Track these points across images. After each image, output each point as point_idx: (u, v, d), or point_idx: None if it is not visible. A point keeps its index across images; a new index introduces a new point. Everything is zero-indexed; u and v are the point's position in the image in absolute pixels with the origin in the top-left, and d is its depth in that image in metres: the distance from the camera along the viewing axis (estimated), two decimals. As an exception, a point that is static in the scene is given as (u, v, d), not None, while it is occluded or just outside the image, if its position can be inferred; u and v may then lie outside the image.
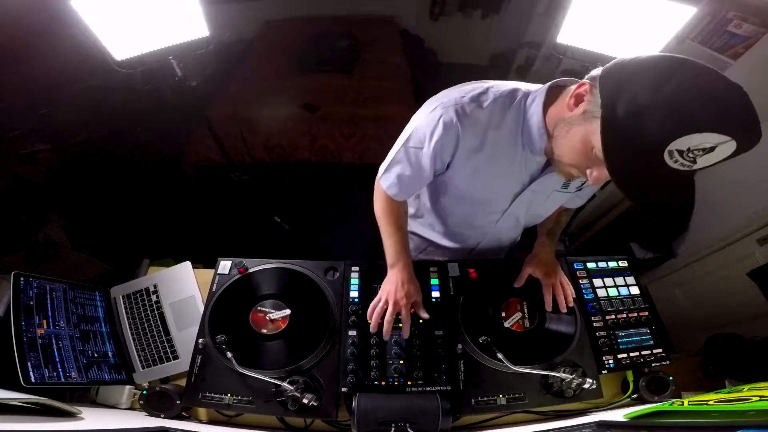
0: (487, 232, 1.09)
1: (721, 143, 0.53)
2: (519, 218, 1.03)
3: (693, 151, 0.54)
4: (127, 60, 1.54)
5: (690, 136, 0.53)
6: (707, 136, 0.52)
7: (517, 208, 0.97)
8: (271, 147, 2.69)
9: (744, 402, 0.63)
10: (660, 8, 1.33)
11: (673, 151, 0.55)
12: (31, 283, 0.94)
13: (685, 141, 0.53)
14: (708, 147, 0.53)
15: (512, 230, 1.11)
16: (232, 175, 2.65)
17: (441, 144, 0.80)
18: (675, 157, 0.55)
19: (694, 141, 0.53)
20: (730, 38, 1.56)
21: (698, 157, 0.54)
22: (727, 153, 0.54)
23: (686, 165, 0.56)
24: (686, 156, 0.55)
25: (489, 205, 0.97)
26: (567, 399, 0.89)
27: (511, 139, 0.80)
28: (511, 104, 0.78)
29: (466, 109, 0.77)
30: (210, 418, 0.97)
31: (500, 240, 1.15)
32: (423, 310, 0.96)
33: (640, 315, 1.02)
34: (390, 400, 0.84)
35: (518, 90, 0.79)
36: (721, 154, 0.54)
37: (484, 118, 0.78)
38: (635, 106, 0.56)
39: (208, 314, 0.99)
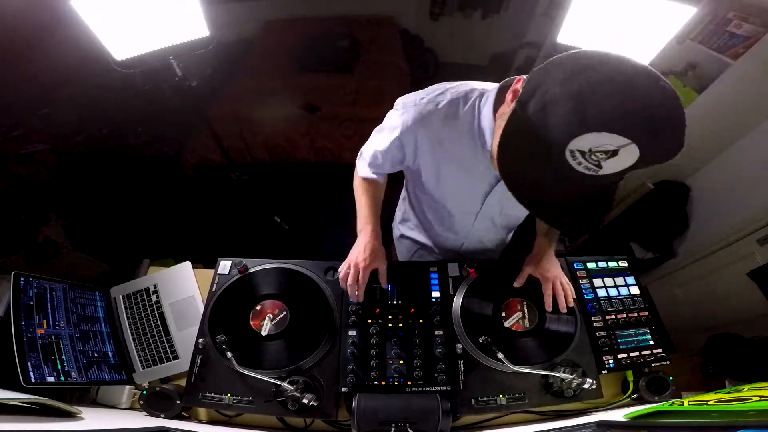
0: (466, 234, 1.11)
1: (622, 147, 0.49)
2: (494, 219, 1.04)
3: (595, 153, 0.50)
4: (127, 60, 1.54)
5: (586, 136, 0.49)
6: (604, 136, 0.48)
7: (490, 209, 0.98)
8: (271, 147, 2.69)
9: (744, 402, 0.63)
10: (660, 8, 1.33)
11: (575, 151, 0.51)
12: (31, 283, 0.95)
13: (583, 140, 0.50)
14: (610, 150, 0.49)
15: (491, 231, 1.12)
16: (232, 175, 2.65)
17: (400, 141, 0.87)
18: (578, 158, 0.52)
19: (592, 141, 0.49)
20: (730, 38, 1.56)
21: (602, 160, 0.50)
22: (632, 158, 0.50)
23: (591, 169, 0.52)
24: (589, 158, 0.51)
25: (461, 206, 1.00)
26: (567, 399, 0.89)
27: (469, 138, 0.81)
28: (466, 104, 0.80)
29: (422, 109, 0.81)
30: (210, 418, 0.97)
31: (483, 242, 1.17)
32: (384, 279, 0.98)
33: (640, 315, 1.02)
34: (390, 400, 0.84)
35: (474, 90, 0.81)
36: (626, 159, 0.50)
37: (440, 118, 0.81)
38: (542, 102, 0.54)
39: (208, 314, 0.99)
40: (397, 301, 1.01)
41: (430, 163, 0.89)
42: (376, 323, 0.97)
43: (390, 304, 1.01)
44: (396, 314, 0.99)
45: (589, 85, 0.50)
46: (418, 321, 0.97)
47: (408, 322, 0.98)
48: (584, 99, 0.50)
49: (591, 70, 0.51)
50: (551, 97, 0.52)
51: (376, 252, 0.95)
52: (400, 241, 1.35)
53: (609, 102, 0.49)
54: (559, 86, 0.52)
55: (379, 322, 0.97)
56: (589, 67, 0.51)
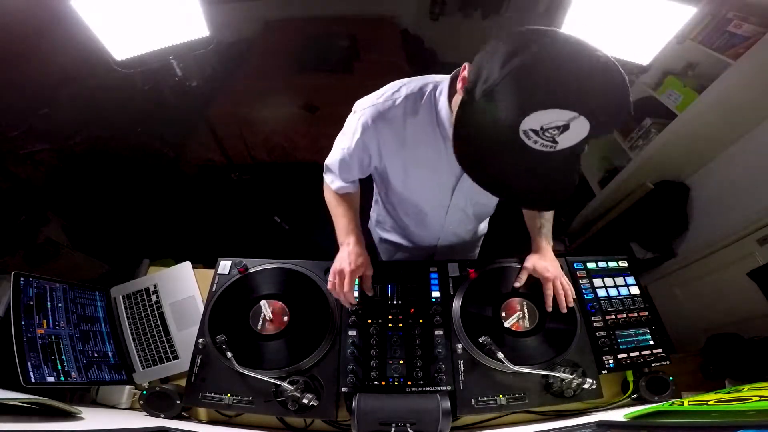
0: (440, 228, 1.11)
1: (572, 120, 0.49)
2: (465, 210, 1.05)
3: (547, 130, 0.51)
4: (127, 60, 1.54)
5: (533, 115, 0.49)
6: (550, 113, 0.49)
7: (460, 200, 0.99)
8: (271, 147, 2.69)
9: (744, 402, 0.63)
10: (660, 8, 1.33)
11: (528, 131, 0.51)
12: (31, 283, 0.94)
13: (533, 119, 0.50)
14: (561, 125, 0.50)
15: (464, 223, 1.12)
16: (232, 175, 2.65)
17: (362, 143, 0.86)
18: (532, 137, 0.52)
19: (541, 119, 0.50)
20: (730, 38, 1.56)
21: (556, 136, 0.51)
22: (584, 129, 0.51)
23: (548, 145, 0.52)
24: (543, 135, 0.51)
25: (431, 201, 1.00)
26: (567, 399, 0.89)
27: (429, 132, 0.82)
28: (422, 98, 0.80)
29: (380, 108, 0.81)
30: (210, 418, 0.97)
31: (458, 234, 1.17)
32: (369, 288, 0.97)
33: (640, 315, 1.02)
34: (390, 400, 0.84)
35: (428, 83, 0.81)
36: (579, 131, 0.51)
37: (399, 115, 0.81)
38: (487, 86, 0.54)
39: (208, 314, 0.99)
40: (397, 301, 1.01)
41: (396, 162, 0.90)
42: (376, 323, 0.97)
43: (390, 304, 1.01)
44: (396, 314, 0.99)
45: (526, 65, 0.51)
46: (418, 321, 0.97)
47: (408, 322, 0.98)
48: (523, 79, 0.51)
49: (525, 50, 0.51)
50: (494, 81, 0.53)
51: (360, 259, 0.91)
52: (381, 244, 1.36)
53: (547, 78, 0.50)
54: (498, 69, 0.53)
55: (379, 322, 0.97)
56: (524, 47, 0.52)
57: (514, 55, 0.51)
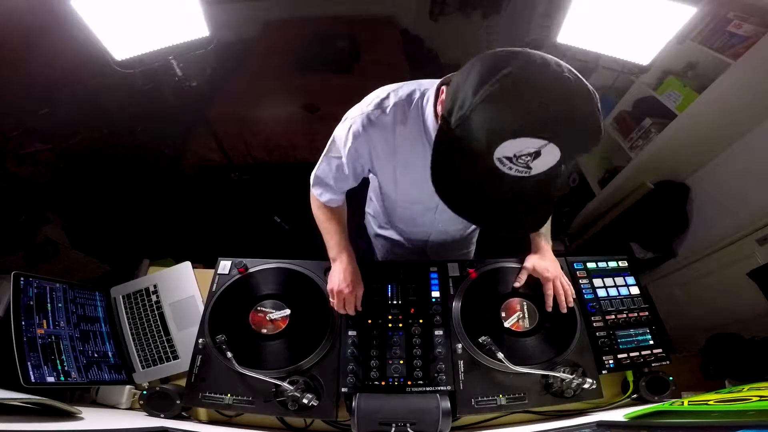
0: (430, 227, 1.13)
1: (542, 147, 0.50)
2: None
3: (520, 157, 0.51)
4: (127, 60, 1.53)
5: (505, 144, 0.50)
6: (520, 141, 0.49)
7: None
8: (271, 147, 2.69)
9: (744, 402, 0.63)
10: (660, 8, 1.33)
11: (502, 158, 0.52)
12: (31, 283, 0.95)
13: (504, 148, 0.50)
14: (532, 152, 0.50)
15: (453, 222, 1.14)
16: (232, 175, 2.65)
17: (355, 152, 0.85)
18: (506, 164, 0.52)
19: (513, 147, 0.50)
20: (730, 38, 1.56)
21: (529, 162, 0.51)
22: (555, 155, 0.51)
23: (522, 171, 0.52)
24: (517, 162, 0.51)
25: (421, 203, 1.02)
26: (567, 399, 0.89)
27: (418, 138, 0.82)
28: (411, 106, 0.81)
29: (371, 116, 0.81)
30: (210, 418, 0.97)
31: (448, 232, 1.19)
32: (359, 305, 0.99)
33: (640, 315, 1.02)
34: (390, 400, 0.84)
35: (415, 91, 0.82)
36: (550, 157, 0.51)
37: (389, 122, 0.81)
38: (461, 115, 0.54)
39: (208, 314, 0.99)
40: (397, 301, 1.01)
41: (386, 168, 0.90)
42: (376, 323, 0.97)
43: (390, 304, 1.01)
44: (396, 314, 0.99)
45: (493, 93, 0.51)
46: (418, 321, 0.98)
47: (408, 322, 0.98)
48: (491, 108, 0.51)
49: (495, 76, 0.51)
50: (467, 111, 0.53)
51: (354, 278, 0.98)
52: (376, 239, 1.39)
53: (514, 107, 0.50)
54: (471, 96, 0.53)
55: (379, 322, 0.98)
56: (493, 73, 0.51)
57: (485, 80, 0.51)
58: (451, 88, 0.60)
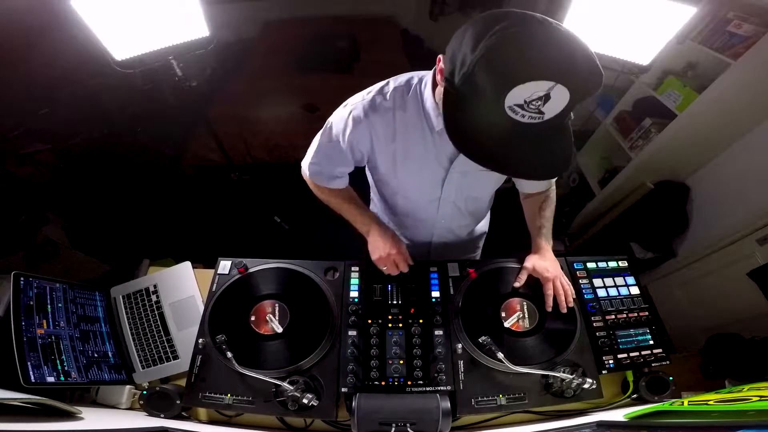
0: (433, 222, 1.12)
1: (551, 89, 0.51)
2: (457, 203, 1.05)
3: (531, 103, 0.53)
4: (127, 60, 1.54)
5: (514, 90, 0.52)
6: (528, 86, 0.51)
7: (450, 194, 1.00)
8: (271, 147, 2.69)
9: (744, 402, 0.63)
10: (660, 8, 1.33)
11: (513, 106, 0.54)
12: (31, 283, 0.94)
13: (514, 95, 0.52)
14: (542, 95, 0.52)
15: (457, 218, 1.13)
16: (232, 175, 2.65)
17: (355, 137, 0.87)
18: (519, 112, 0.54)
19: (522, 93, 0.52)
20: (730, 38, 1.56)
21: (540, 106, 0.53)
22: (565, 96, 0.53)
23: (536, 117, 0.55)
24: (528, 108, 0.53)
25: (423, 194, 1.02)
26: (567, 399, 0.89)
27: (417, 123, 0.84)
28: (409, 91, 0.83)
29: (372, 102, 0.84)
30: (210, 418, 0.97)
31: (452, 231, 1.18)
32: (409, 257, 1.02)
33: (640, 315, 1.02)
34: (390, 400, 0.84)
35: (413, 77, 0.84)
36: (560, 99, 0.53)
37: (389, 107, 0.84)
38: (465, 72, 0.56)
39: (208, 314, 0.99)
40: (397, 301, 1.01)
41: (387, 155, 0.92)
42: (376, 323, 0.97)
43: (390, 304, 1.01)
44: (396, 314, 0.99)
45: (494, 44, 0.53)
46: (418, 321, 0.97)
47: (408, 322, 0.98)
48: (495, 58, 0.53)
49: (491, 30, 0.53)
50: (469, 67, 0.55)
51: (392, 236, 1.01)
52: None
53: (517, 53, 0.52)
54: (470, 53, 0.55)
55: (379, 322, 0.97)
56: (489, 27, 0.54)
57: (481, 37, 0.54)
58: (447, 54, 0.62)
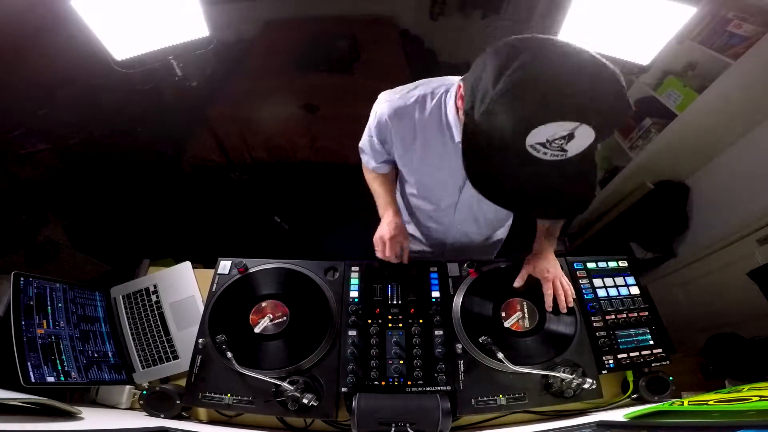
0: (449, 224, 1.13)
1: (575, 129, 0.49)
2: (473, 210, 1.06)
3: (553, 142, 0.50)
4: (127, 60, 1.53)
5: (536, 131, 0.49)
6: (551, 126, 0.48)
7: (467, 201, 1.01)
8: (271, 147, 2.69)
9: (744, 402, 0.62)
10: (660, 8, 1.33)
11: (535, 145, 0.51)
12: (31, 283, 0.94)
13: (535, 135, 0.50)
14: (565, 135, 0.49)
15: (473, 224, 1.13)
16: (232, 175, 2.65)
17: (380, 133, 0.93)
18: (540, 150, 0.51)
19: (544, 133, 0.49)
20: (730, 38, 1.56)
21: (563, 144, 0.50)
22: (590, 135, 0.50)
23: (558, 154, 0.52)
24: (551, 146, 0.51)
25: (439, 198, 1.04)
26: (567, 399, 0.89)
27: (438, 132, 0.85)
28: (433, 99, 0.84)
29: (395, 103, 0.87)
30: (210, 418, 0.97)
31: (468, 235, 1.18)
32: (406, 257, 1.05)
33: (640, 315, 1.02)
34: (390, 400, 0.84)
35: (441, 86, 0.85)
36: (585, 138, 0.50)
37: (410, 111, 0.85)
38: (485, 108, 0.54)
39: (208, 314, 0.99)
40: (397, 301, 1.01)
41: (407, 156, 0.94)
42: (376, 323, 0.97)
43: (390, 304, 1.01)
44: (396, 314, 0.99)
45: (516, 81, 0.50)
46: (418, 321, 0.97)
47: (408, 322, 0.98)
48: (517, 96, 0.50)
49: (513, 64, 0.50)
50: (489, 104, 0.52)
51: (399, 226, 1.03)
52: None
53: (540, 92, 0.49)
54: (492, 88, 0.52)
55: (379, 322, 0.98)
56: (511, 60, 0.51)
57: (503, 70, 0.51)
58: (467, 83, 0.60)
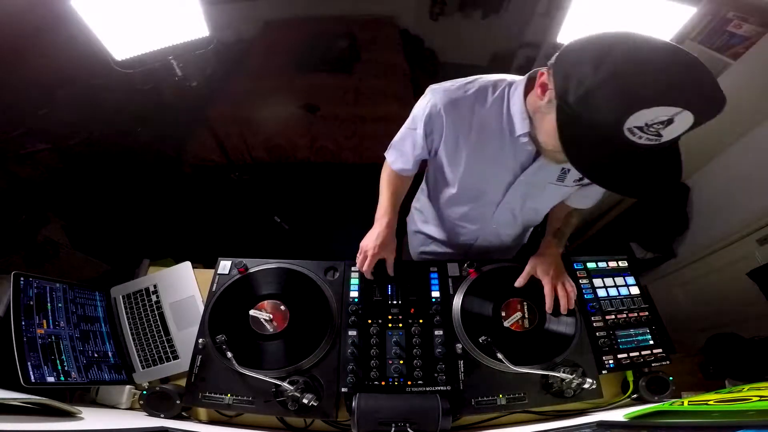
0: (484, 225, 1.10)
1: (676, 114, 0.51)
2: (515, 211, 1.04)
3: (652, 126, 0.52)
4: (127, 60, 1.53)
5: (639, 113, 0.51)
6: (656, 110, 0.51)
7: (512, 200, 0.98)
8: (271, 147, 2.69)
9: (744, 402, 0.62)
10: (660, 8, 1.33)
11: (632, 128, 0.53)
12: (31, 283, 0.94)
13: (637, 118, 0.52)
14: (664, 120, 0.52)
15: (510, 225, 1.11)
16: (232, 175, 2.65)
17: (429, 126, 0.89)
18: (637, 134, 0.54)
19: (646, 116, 0.52)
20: (730, 38, 1.56)
21: (660, 129, 0.53)
22: (688, 122, 0.53)
23: (653, 139, 0.54)
24: (648, 131, 0.53)
25: (483, 196, 1.00)
26: (567, 399, 0.89)
27: (496, 125, 0.83)
28: (495, 92, 0.83)
29: (451, 94, 0.84)
30: (210, 418, 0.97)
31: (500, 236, 1.16)
32: (390, 269, 1.03)
33: (640, 315, 1.02)
34: (390, 400, 0.84)
35: (504, 80, 0.84)
36: (682, 124, 0.53)
37: (469, 103, 0.83)
38: (582, 91, 0.56)
39: (208, 314, 0.99)
40: (397, 301, 1.01)
41: (456, 151, 0.91)
42: (376, 323, 0.97)
43: (390, 304, 1.01)
44: (396, 314, 0.99)
45: (620, 68, 0.53)
46: (418, 321, 0.97)
47: (408, 322, 0.98)
48: (622, 80, 0.53)
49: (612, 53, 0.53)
50: (589, 86, 0.55)
51: (386, 243, 1.00)
52: (414, 236, 1.35)
53: (650, 77, 0.52)
54: (592, 72, 0.55)
55: (379, 322, 0.98)
56: (609, 50, 0.54)
57: (603, 58, 0.54)
58: (556, 71, 0.61)
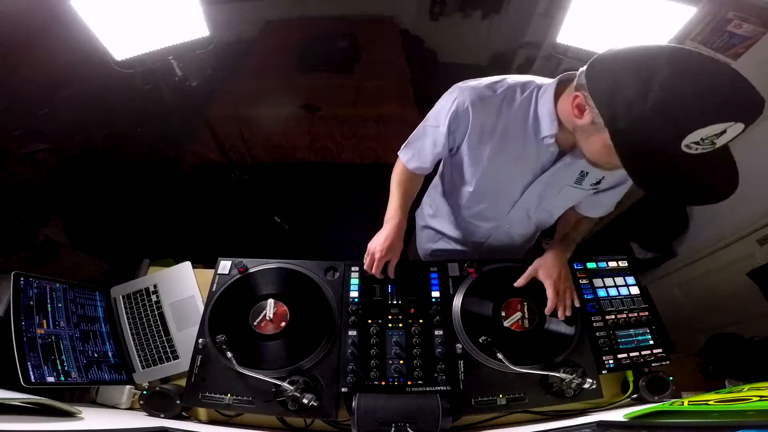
0: (497, 224, 1.10)
1: (729, 126, 0.54)
2: (530, 211, 1.04)
3: (706, 139, 0.56)
4: (127, 60, 1.53)
5: (695, 132, 0.54)
6: (711, 128, 0.54)
7: (528, 200, 0.98)
8: (271, 147, 2.69)
9: (744, 402, 0.62)
10: (660, 8, 1.33)
11: (689, 144, 0.56)
12: (31, 283, 0.94)
13: (693, 136, 0.55)
14: (718, 132, 0.55)
15: (523, 225, 1.11)
16: (232, 175, 2.65)
17: (455, 123, 0.87)
18: (693, 148, 0.57)
19: (701, 134, 0.55)
20: (730, 38, 1.56)
21: (715, 139, 0.56)
22: (739, 129, 0.56)
23: (708, 147, 0.57)
24: (703, 143, 0.56)
25: (500, 195, 1.00)
26: (567, 399, 0.89)
27: (521, 125, 0.83)
28: (524, 92, 0.83)
29: (480, 93, 0.84)
30: (210, 418, 0.97)
31: (511, 236, 1.16)
32: (392, 271, 1.03)
33: (640, 315, 1.02)
34: (390, 400, 0.84)
35: (533, 82, 0.84)
36: (734, 131, 0.56)
37: (497, 102, 0.83)
38: (633, 118, 0.58)
39: (208, 314, 0.99)
40: (397, 301, 1.01)
41: (479, 148, 0.90)
42: (376, 323, 0.97)
43: (390, 304, 1.01)
44: (396, 314, 0.99)
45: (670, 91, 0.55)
46: (418, 321, 0.97)
47: (408, 322, 0.98)
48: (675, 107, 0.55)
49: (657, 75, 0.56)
50: (641, 113, 0.57)
51: (393, 246, 1.01)
52: (423, 231, 1.35)
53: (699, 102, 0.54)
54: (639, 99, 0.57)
55: (379, 322, 0.98)
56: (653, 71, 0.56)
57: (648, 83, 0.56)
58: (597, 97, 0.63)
